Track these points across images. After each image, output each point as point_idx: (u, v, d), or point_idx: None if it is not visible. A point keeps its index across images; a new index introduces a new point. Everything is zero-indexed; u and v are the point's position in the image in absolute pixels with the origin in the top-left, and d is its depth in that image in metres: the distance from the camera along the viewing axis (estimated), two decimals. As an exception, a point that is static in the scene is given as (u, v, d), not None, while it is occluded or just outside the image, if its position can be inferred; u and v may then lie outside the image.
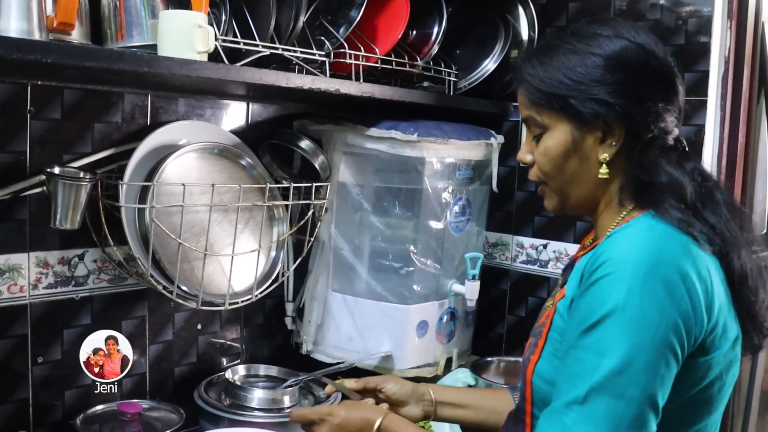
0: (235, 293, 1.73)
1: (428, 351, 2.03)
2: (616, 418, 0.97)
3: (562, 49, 1.15)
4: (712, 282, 1.04)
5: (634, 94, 1.11)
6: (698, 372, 1.04)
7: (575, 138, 1.15)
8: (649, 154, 1.13)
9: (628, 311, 0.98)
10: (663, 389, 0.99)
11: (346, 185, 1.96)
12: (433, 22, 2.03)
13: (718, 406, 1.11)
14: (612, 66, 1.11)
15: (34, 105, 1.53)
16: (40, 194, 1.54)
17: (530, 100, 1.18)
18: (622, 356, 0.97)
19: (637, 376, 0.97)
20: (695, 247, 1.05)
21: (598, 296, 1.01)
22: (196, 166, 1.70)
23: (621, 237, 1.06)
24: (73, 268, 1.64)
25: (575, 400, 1.00)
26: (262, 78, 1.52)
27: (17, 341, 1.57)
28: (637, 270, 1.00)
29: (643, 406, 0.97)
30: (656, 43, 1.14)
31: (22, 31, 1.23)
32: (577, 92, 1.12)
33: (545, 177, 1.20)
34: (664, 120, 1.13)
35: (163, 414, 1.69)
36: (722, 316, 1.05)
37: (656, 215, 1.08)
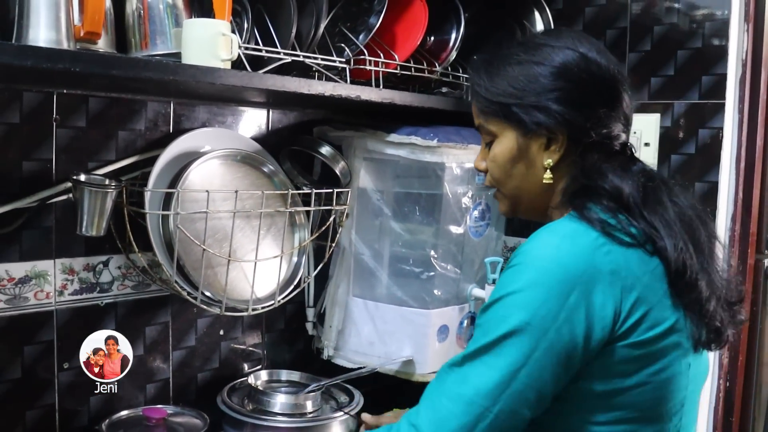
0: (257, 299, 1.74)
1: (449, 355, 1.99)
2: (481, 380, 1.04)
3: (508, 60, 1.21)
4: (626, 275, 1.06)
5: (575, 101, 1.16)
6: (629, 356, 1.07)
7: (520, 145, 1.21)
8: (589, 159, 1.18)
9: (519, 296, 1.05)
10: (540, 372, 1.03)
11: (367, 191, 1.97)
12: (451, 28, 2.04)
13: (673, 394, 1.12)
14: (554, 75, 1.16)
15: (60, 113, 1.55)
16: (66, 201, 1.56)
17: (479, 108, 1.25)
18: (500, 333, 1.04)
19: (507, 350, 1.03)
20: (606, 242, 1.08)
21: (501, 282, 1.09)
22: (219, 172, 1.72)
23: (535, 234, 1.11)
24: (98, 274, 1.65)
25: (454, 362, 1.09)
26: (284, 85, 1.53)
27: (43, 347, 1.59)
28: (538, 262, 1.06)
29: (510, 378, 1.03)
30: (599, 51, 1.19)
31: (51, 41, 1.24)
32: (520, 101, 1.18)
33: (496, 183, 1.27)
34: (606, 126, 1.17)
35: (187, 419, 1.70)
36: (643, 305, 1.07)
37: (575, 215, 1.13)
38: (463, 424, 1.03)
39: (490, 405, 1.03)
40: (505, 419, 1.03)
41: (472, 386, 1.04)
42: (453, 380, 1.07)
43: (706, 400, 1.94)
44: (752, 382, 2.03)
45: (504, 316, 1.05)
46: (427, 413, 1.07)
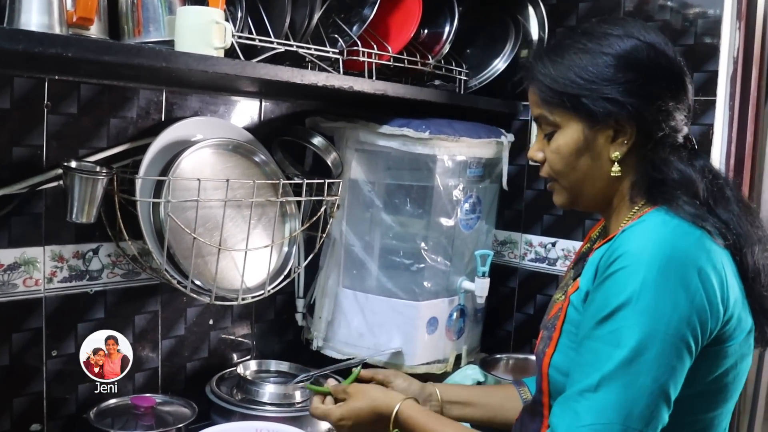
0: (247, 289, 1.74)
1: (438, 348, 2.04)
2: (626, 406, 0.99)
3: (574, 49, 1.16)
4: (726, 275, 1.06)
5: (645, 93, 1.12)
6: (714, 362, 1.06)
7: (587, 136, 1.16)
8: (660, 152, 1.15)
9: (642, 302, 1.00)
10: (675, 381, 1.00)
11: (358, 182, 1.97)
12: (445, 22, 2.04)
13: (733, 394, 1.12)
14: (623, 65, 1.12)
15: (51, 99, 1.54)
16: (56, 188, 1.56)
17: (542, 98, 1.19)
18: (633, 346, 0.99)
19: (648, 366, 0.99)
20: (709, 240, 1.06)
21: (613, 288, 1.03)
22: (211, 161, 1.72)
23: (636, 231, 1.07)
24: (87, 262, 1.65)
25: (587, 388, 1.01)
26: (277, 74, 1.53)
27: (32, 335, 1.58)
28: (651, 263, 1.01)
29: (654, 396, 0.99)
30: (666, 43, 1.16)
31: (43, 25, 1.24)
32: (588, 91, 1.13)
33: (556, 175, 1.22)
34: (674, 118, 1.14)
35: (176, 408, 1.70)
36: (737, 309, 1.07)
37: (669, 210, 1.10)
38: None
39: (644, 427, 0.99)
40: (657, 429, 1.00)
41: (622, 412, 0.98)
42: (594, 410, 1.00)
43: (693, 395, 1.95)
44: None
45: (630, 326, 1.00)
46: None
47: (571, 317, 1.16)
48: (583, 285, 1.14)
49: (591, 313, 1.06)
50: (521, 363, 2.15)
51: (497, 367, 2.16)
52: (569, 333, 1.15)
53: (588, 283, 1.12)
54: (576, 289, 1.16)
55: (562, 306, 1.19)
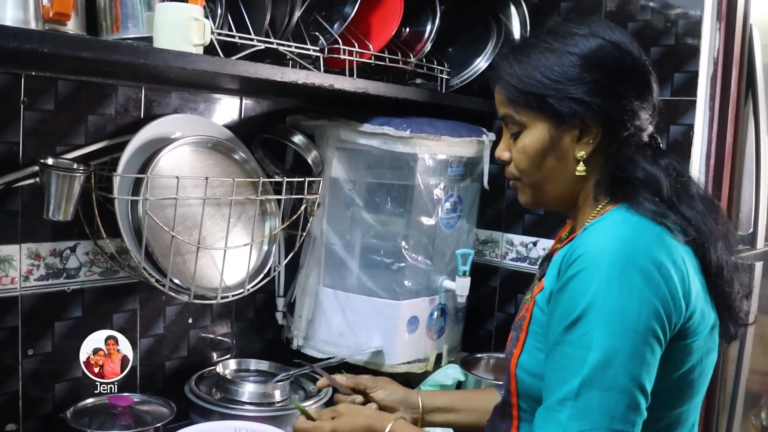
0: (227, 287, 1.73)
1: (418, 347, 2.03)
2: (609, 408, 0.99)
3: (539, 48, 1.17)
4: (688, 271, 1.06)
5: (611, 92, 1.13)
6: (679, 356, 1.07)
7: (553, 136, 1.17)
8: (625, 151, 1.16)
9: (609, 303, 1.00)
10: (649, 374, 1.01)
11: (339, 181, 1.96)
12: (426, 20, 2.03)
13: (699, 390, 1.13)
14: (588, 65, 1.13)
15: (28, 96, 1.53)
16: (33, 185, 1.54)
17: (508, 98, 1.20)
18: (607, 348, 0.99)
19: (624, 366, 0.99)
20: (669, 237, 1.07)
21: (577, 290, 1.03)
22: (190, 159, 1.70)
23: (595, 230, 1.08)
24: (64, 260, 1.63)
25: (568, 395, 1.01)
26: (257, 72, 1.52)
27: (7, 333, 1.56)
28: (613, 261, 1.02)
29: (634, 394, 0.99)
30: (631, 42, 1.17)
31: (19, 20, 1.22)
32: (554, 91, 1.14)
33: (521, 174, 1.23)
34: (639, 118, 1.16)
35: (154, 407, 1.69)
36: (699, 304, 1.07)
37: (630, 208, 1.11)
38: None
39: (630, 428, 0.99)
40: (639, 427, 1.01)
41: (605, 416, 0.99)
42: (576, 418, 1.00)
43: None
44: (717, 377, 2.06)
45: (600, 327, 1.00)
46: None
47: (536, 317, 1.16)
48: (547, 285, 1.14)
49: (558, 317, 1.06)
50: (502, 362, 2.15)
51: (478, 367, 2.16)
52: (535, 333, 1.16)
53: (552, 282, 1.12)
54: (540, 289, 1.17)
55: (528, 307, 1.19)
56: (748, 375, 2.20)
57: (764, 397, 2.57)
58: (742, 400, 2.19)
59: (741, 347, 2.15)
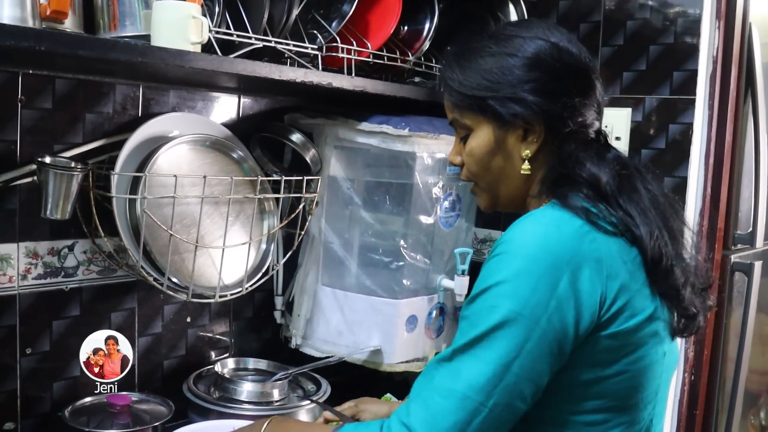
0: (225, 286, 1.73)
1: (417, 346, 2.03)
2: (470, 376, 1.01)
3: (480, 52, 1.20)
4: (609, 263, 1.07)
5: (550, 91, 1.16)
6: (609, 346, 1.07)
7: (498, 137, 1.20)
8: (567, 148, 1.19)
9: (507, 286, 1.03)
10: (532, 367, 1.02)
11: (337, 179, 1.96)
12: (425, 18, 2.03)
13: (649, 382, 1.13)
14: (527, 65, 1.16)
15: (25, 94, 1.53)
16: (31, 184, 1.54)
17: (453, 103, 1.24)
18: (490, 325, 1.02)
19: (500, 344, 1.02)
20: (590, 230, 1.08)
21: (486, 272, 1.07)
22: (188, 158, 1.70)
23: (518, 222, 1.10)
24: (62, 258, 1.63)
25: (443, 357, 1.06)
26: (255, 70, 1.52)
27: (5, 332, 1.57)
28: (521, 251, 1.05)
29: (500, 373, 1.01)
30: (570, 41, 1.20)
31: (16, 18, 1.22)
32: (495, 92, 1.17)
33: (473, 177, 1.26)
34: (581, 114, 1.18)
35: (152, 406, 1.68)
36: (624, 294, 1.07)
37: (557, 203, 1.13)
38: (458, 421, 1.00)
39: (485, 399, 1.00)
40: (500, 413, 1.01)
41: (464, 381, 1.01)
42: (443, 376, 1.04)
43: (672, 393, 1.96)
44: (716, 377, 2.05)
45: (493, 307, 1.03)
46: (418, 412, 1.03)
47: None
48: None
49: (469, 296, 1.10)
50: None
51: (476, 365, 2.15)
52: None
53: None
54: None
55: None
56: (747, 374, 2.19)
57: (763, 396, 2.57)
58: (741, 399, 2.18)
59: (740, 346, 2.14)
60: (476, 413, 1.00)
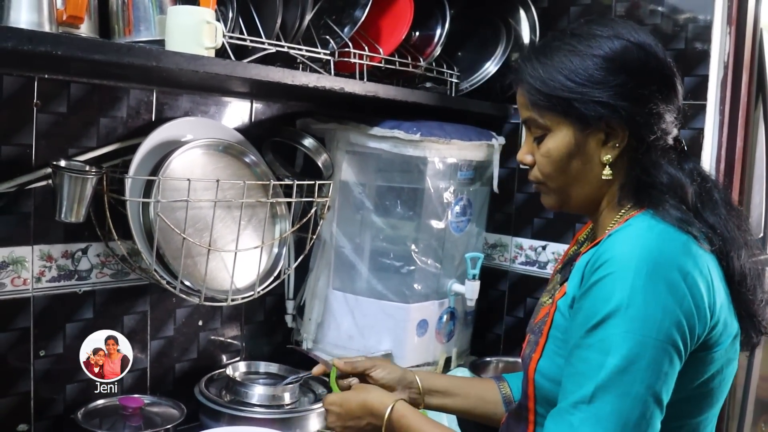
0: (237, 290, 1.74)
1: (428, 350, 2.03)
2: (622, 416, 0.97)
3: (563, 51, 1.14)
4: (713, 280, 1.05)
5: (636, 96, 1.11)
6: (701, 367, 1.05)
7: (578, 140, 1.15)
8: (651, 155, 1.14)
9: (631, 310, 0.99)
10: (667, 386, 1.00)
11: (349, 184, 1.97)
12: (436, 24, 2.04)
13: (719, 399, 1.12)
14: (613, 67, 1.11)
15: (41, 98, 1.54)
16: (45, 187, 1.55)
17: (531, 101, 1.17)
18: (625, 354, 0.98)
19: (641, 374, 0.98)
20: (695, 245, 1.05)
21: (601, 295, 1.02)
22: (201, 162, 1.71)
23: (622, 236, 1.07)
24: (76, 261, 1.64)
25: (582, 399, 1.00)
26: (268, 75, 1.53)
27: (19, 334, 1.57)
28: (639, 269, 1.00)
29: (648, 403, 0.98)
30: (656, 44, 1.15)
31: (33, 23, 1.24)
32: (579, 94, 1.11)
33: (546, 178, 1.20)
34: (665, 121, 1.14)
35: (164, 409, 1.69)
36: (723, 313, 1.06)
37: (655, 214, 1.09)
38: None
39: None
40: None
41: (614, 424, 0.97)
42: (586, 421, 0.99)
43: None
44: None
45: (624, 333, 0.99)
46: None
47: (557, 323, 1.15)
48: (570, 290, 1.13)
49: (580, 321, 1.05)
50: (511, 366, 2.15)
51: (487, 370, 2.16)
52: (555, 338, 1.15)
53: (575, 288, 1.11)
54: (563, 294, 1.15)
55: (549, 311, 1.18)
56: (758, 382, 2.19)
57: (774, 402, 2.56)
58: (752, 407, 2.18)
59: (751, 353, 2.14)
60: None
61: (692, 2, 1.94)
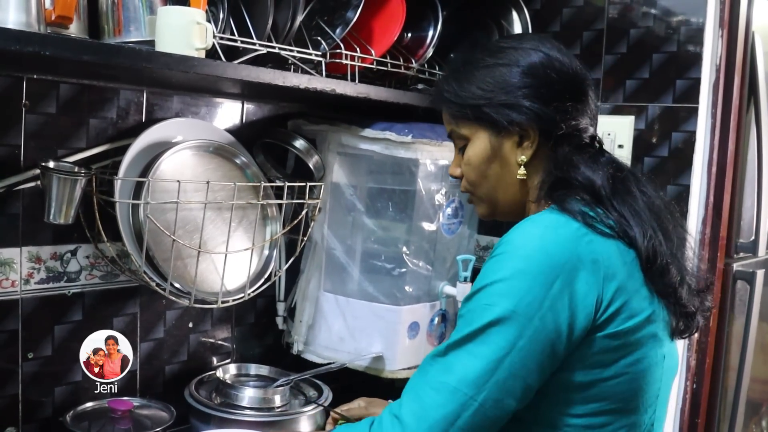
0: (227, 292, 1.73)
1: (419, 352, 2.03)
2: (462, 371, 1.03)
3: (474, 65, 1.24)
4: (607, 265, 1.07)
5: (542, 95, 1.19)
6: (607, 347, 1.08)
7: (493, 144, 1.22)
8: (561, 151, 1.20)
9: (502, 284, 1.05)
10: (524, 361, 1.03)
11: (340, 186, 1.96)
12: (428, 26, 2.03)
13: (649, 385, 1.13)
14: (519, 73, 1.19)
15: (30, 99, 1.53)
16: (34, 188, 1.54)
17: (450, 114, 1.27)
18: (484, 323, 1.04)
19: (494, 340, 1.03)
20: (587, 232, 1.09)
21: (484, 271, 1.09)
22: (191, 163, 1.70)
23: (517, 225, 1.12)
24: (65, 263, 1.63)
25: (438, 352, 1.08)
26: (258, 76, 1.52)
27: (7, 337, 1.56)
28: (519, 252, 1.07)
29: (491, 368, 1.02)
30: (560, 50, 1.23)
31: (21, 23, 1.23)
32: (488, 100, 1.20)
33: (472, 186, 1.28)
34: (574, 118, 1.20)
35: (154, 412, 1.68)
36: (622, 295, 1.08)
37: (556, 208, 1.14)
38: (447, 413, 1.02)
39: (475, 393, 1.02)
40: (489, 408, 1.03)
41: (455, 375, 1.03)
42: (436, 370, 1.06)
43: (673, 401, 1.95)
44: (718, 385, 2.05)
45: (488, 305, 1.05)
46: (410, 404, 1.06)
47: None
48: None
49: (468, 293, 1.12)
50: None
51: (478, 373, 2.15)
52: None
53: None
54: None
55: None
56: (749, 383, 2.19)
57: (765, 405, 2.57)
58: (743, 408, 2.18)
59: (742, 355, 2.14)
60: (466, 407, 1.02)
61: (684, 5, 1.94)
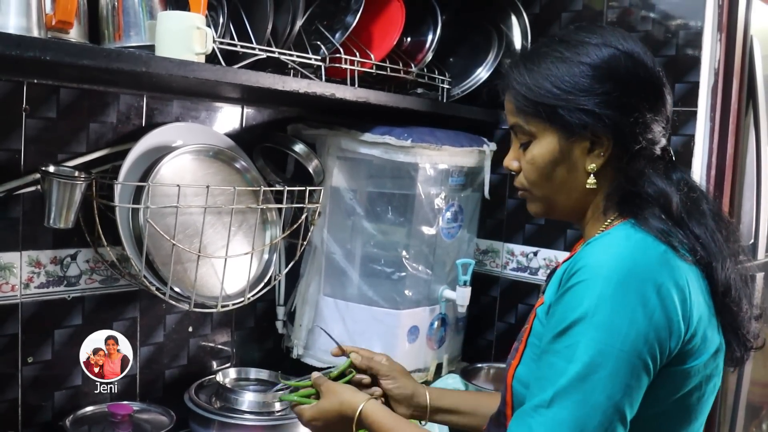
0: (227, 296, 1.73)
1: (419, 356, 2.03)
2: (579, 423, 0.97)
3: (550, 57, 1.13)
4: (691, 292, 1.03)
5: (623, 104, 1.10)
6: (676, 381, 1.04)
7: (563, 148, 1.13)
8: (636, 165, 1.13)
9: (597, 317, 0.98)
10: (630, 400, 0.98)
11: (340, 190, 1.96)
12: (428, 30, 2.04)
13: (698, 416, 1.10)
14: (600, 75, 1.10)
15: (30, 103, 1.53)
16: (34, 193, 1.54)
17: (517, 107, 1.16)
18: (587, 362, 0.97)
19: (602, 383, 0.97)
20: (673, 256, 1.04)
21: (570, 302, 1.01)
22: (191, 167, 1.70)
23: (598, 244, 1.06)
24: (65, 267, 1.63)
25: (541, 403, 1.00)
26: (258, 80, 1.53)
27: (7, 341, 1.56)
28: (609, 277, 0.99)
29: (608, 414, 0.97)
30: (645, 53, 1.14)
31: (21, 28, 1.23)
32: (565, 102, 1.10)
33: (530, 185, 1.19)
34: (651, 131, 1.12)
35: (154, 416, 1.69)
36: (702, 327, 1.04)
37: (636, 224, 1.08)
38: None
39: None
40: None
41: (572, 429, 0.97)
42: (543, 425, 0.99)
43: (673, 405, 1.95)
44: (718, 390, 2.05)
45: (589, 341, 0.98)
46: None
47: (536, 330, 1.14)
48: (547, 298, 1.12)
49: (550, 327, 1.04)
50: (502, 372, 2.13)
51: (478, 377, 2.16)
52: (533, 345, 1.14)
53: (551, 296, 1.10)
54: (542, 302, 1.15)
55: (530, 318, 1.17)
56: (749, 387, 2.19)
57: (765, 408, 2.57)
58: (743, 411, 2.18)
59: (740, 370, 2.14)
60: None
61: (683, 9, 1.94)
